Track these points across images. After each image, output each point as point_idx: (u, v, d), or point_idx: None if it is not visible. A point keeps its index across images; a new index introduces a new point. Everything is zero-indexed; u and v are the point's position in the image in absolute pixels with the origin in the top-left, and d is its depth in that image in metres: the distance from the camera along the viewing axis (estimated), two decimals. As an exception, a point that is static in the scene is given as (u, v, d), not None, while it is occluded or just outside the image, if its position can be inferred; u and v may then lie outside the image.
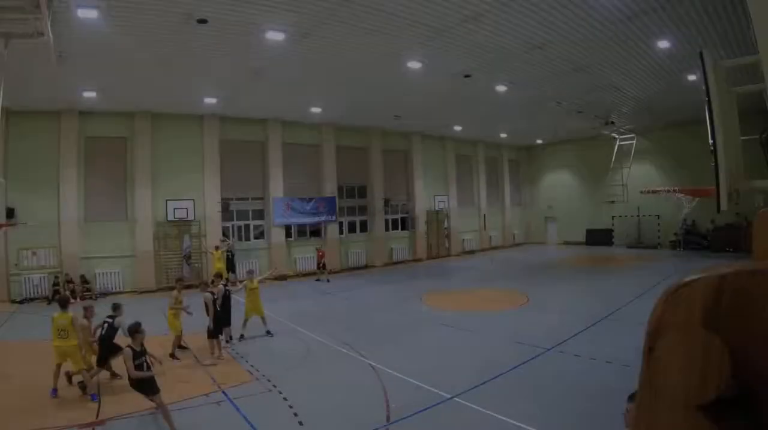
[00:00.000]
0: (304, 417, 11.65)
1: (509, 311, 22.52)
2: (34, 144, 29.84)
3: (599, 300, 24.66)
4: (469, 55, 24.33)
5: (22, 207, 28.68)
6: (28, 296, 29.16)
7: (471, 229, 53.49)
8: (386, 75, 27.19)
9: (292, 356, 16.85)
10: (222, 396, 13.28)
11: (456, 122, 43.73)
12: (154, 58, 22.63)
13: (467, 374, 14.27)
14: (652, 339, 2.99)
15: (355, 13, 18.89)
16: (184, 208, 33.46)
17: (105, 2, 16.53)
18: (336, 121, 40.42)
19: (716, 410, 2.70)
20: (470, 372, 14.42)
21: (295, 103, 33.46)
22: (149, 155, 32.97)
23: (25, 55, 19.55)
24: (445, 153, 51.45)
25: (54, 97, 27.76)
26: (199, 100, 31.22)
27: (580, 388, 7.41)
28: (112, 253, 31.86)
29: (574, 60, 25.49)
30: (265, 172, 38.07)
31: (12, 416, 12.03)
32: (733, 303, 2.54)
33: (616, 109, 37.99)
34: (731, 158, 7.78)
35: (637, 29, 21.41)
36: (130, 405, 12.46)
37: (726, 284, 2.56)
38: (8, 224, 20.16)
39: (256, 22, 19.39)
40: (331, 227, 40.59)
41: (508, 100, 34.09)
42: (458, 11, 19.13)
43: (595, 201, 48.85)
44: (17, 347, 19.02)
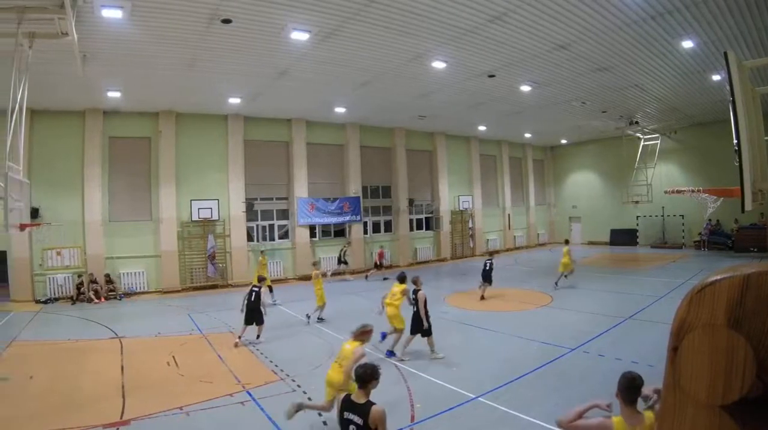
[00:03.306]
0: (328, 417, 11.54)
1: (533, 311, 22.34)
2: (58, 144, 30.01)
3: (624, 300, 24.52)
4: (494, 55, 24.23)
5: (47, 207, 28.87)
6: (52, 296, 29.22)
7: (495, 229, 53.41)
8: (410, 75, 27.12)
9: (316, 356, 16.68)
10: (246, 396, 13.21)
11: (480, 122, 43.54)
12: (178, 58, 22.67)
13: (491, 374, 14.16)
14: (677, 339, 2.92)
15: (379, 13, 18.83)
16: (208, 208, 33.49)
17: (129, 2, 16.52)
18: (360, 121, 40.46)
19: (741, 411, 2.62)
20: (494, 372, 14.30)
21: (320, 103, 33.46)
22: (173, 155, 33.03)
23: (50, 55, 19.64)
24: (469, 153, 51.35)
25: (78, 97, 27.89)
26: (223, 100, 31.27)
27: (604, 388, 7.36)
28: (136, 253, 31.96)
29: (597, 60, 25.36)
30: (289, 172, 38.06)
31: (36, 415, 11.99)
32: (757, 303, 2.46)
33: (641, 109, 37.81)
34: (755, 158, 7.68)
35: (660, 29, 21.26)
36: (156, 405, 12.42)
37: (750, 283, 2.47)
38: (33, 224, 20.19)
39: (280, 22, 19.35)
40: (356, 227, 40.61)
41: (532, 100, 34.08)
42: (483, 11, 19.04)
43: (620, 201, 48.31)
44: (41, 347, 18.97)
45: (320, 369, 15.32)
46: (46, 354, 17.99)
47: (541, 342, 17.40)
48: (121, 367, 16.17)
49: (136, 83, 26.20)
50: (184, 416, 11.85)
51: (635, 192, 44.91)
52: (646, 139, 45.14)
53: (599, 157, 55.58)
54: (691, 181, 43.78)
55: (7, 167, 14.37)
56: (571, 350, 16.14)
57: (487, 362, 15.35)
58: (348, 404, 7.06)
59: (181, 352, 17.76)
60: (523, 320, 20.74)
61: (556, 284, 28.43)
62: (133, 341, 19.69)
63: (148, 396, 13.24)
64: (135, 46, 20.67)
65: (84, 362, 16.94)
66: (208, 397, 13.03)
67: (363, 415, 6.78)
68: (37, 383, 14.59)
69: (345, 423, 7.01)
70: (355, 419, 6.84)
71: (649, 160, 45.02)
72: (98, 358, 17.43)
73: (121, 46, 20.59)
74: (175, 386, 14.29)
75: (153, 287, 32.30)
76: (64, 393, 13.69)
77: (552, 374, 14.10)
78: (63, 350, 18.49)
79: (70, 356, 17.72)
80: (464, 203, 49.13)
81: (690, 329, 2.87)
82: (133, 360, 16.91)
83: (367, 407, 6.83)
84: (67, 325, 23.28)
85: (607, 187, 54.95)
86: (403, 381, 13.99)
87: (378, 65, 25.40)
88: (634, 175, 46.07)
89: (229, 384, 14.19)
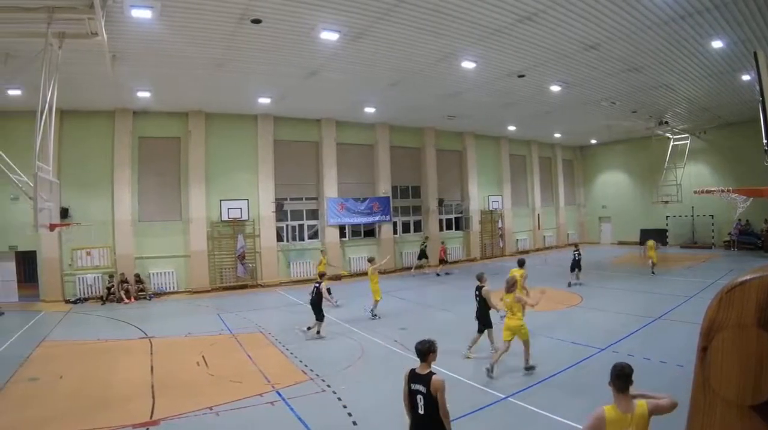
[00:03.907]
0: (358, 417, 11.54)
1: (563, 311, 22.19)
2: (87, 144, 30.17)
3: (653, 300, 24.41)
4: (524, 55, 24.12)
5: (76, 207, 29.08)
6: (81, 296, 29.34)
7: (525, 229, 53.20)
8: (440, 75, 27.03)
9: (346, 356, 16.73)
10: (276, 396, 13.14)
11: (510, 122, 43.40)
12: (208, 57, 22.68)
13: (521, 373, 14.08)
14: (706, 339, 2.82)
15: (409, 12, 18.74)
16: (238, 208, 33.47)
17: (159, 2, 16.52)
18: (390, 121, 40.36)
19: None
20: (524, 372, 14.23)
21: (349, 103, 33.43)
22: (203, 155, 33.10)
23: (79, 56, 19.69)
24: (499, 153, 51.20)
25: (108, 97, 28.02)
26: (253, 100, 31.28)
27: (633, 388, 7.27)
28: (165, 253, 32.04)
29: (627, 60, 25.17)
30: (319, 172, 38.02)
31: (65, 415, 12.00)
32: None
33: (670, 108, 37.54)
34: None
35: (690, 29, 21.06)
36: (185, 405, 12.42)
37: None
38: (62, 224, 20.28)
39: (310, 22, 19.30)
40: (386, 227, 40.51)
41: (562, 100, 33.91)
42: (513, 11, 18.93)
43: (649, 201, 48.17)
44: (70, 347, 19.05)
45: (350, 369, 15.36)
46: (76, 354, 18.05)
47: (570, 342, 17.37)
48: (150, 367, 16.20)
49: (166, 83, 26.27)
50: (214, 416, 11.83)
51: (665, 192, 44.84)
52: (675, 139, 44.93)
53: (629, 157, 55.35)
54: (721, 181, 43.57)
55: (36, 167, 14.41)
56: (600, 350, 16.00)
57: (517, 361, 15.21)
58: (413, 377, 8.08)
59: (210, 352, 17.77)
60: (553, 320, 20.58)
61: (653, 273, 32.09)
62: (162, 340, 19.75)
63: (178, 396, 13.24)
64: (164, 46, 20.71)
65: (114, 362, 17.00)
66: (237, 397, 13.00)
67: (426, 384, 7.77)
68: (67, 383, 14.63)
69: (412, 393, 8.01)
70: (420, 388, 7.83)
71: (678, 160, 44.84)
72: (128, 358, 17.50)
73: (150, 46, 20.64)
74: (204, 386, 14.29)
75: (182, 287, 32.38)
76: (93, 393, 13.72)
77: (582, 374, 14.00)
78: (93, 350, 18.55)
79: (99, 355, 17.77)
80: (494, 203, 48.93)
81: (719, 329, 2.79)
82: (162, 360, 16.96)
83: (428, 377, 7.83)
84: (96, 325, 23.38)
85: (636, 187, 54.73)
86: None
87: (407, 65, 25.30)
88: (664, 175, 45.89)
89: (259, 384, 14.14)
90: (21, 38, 16.71)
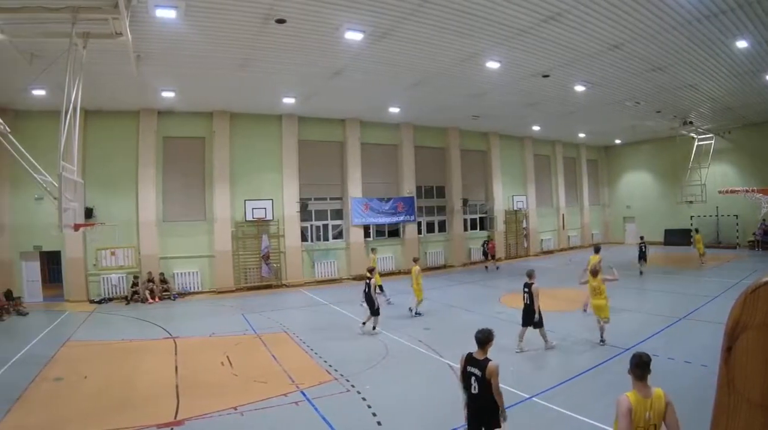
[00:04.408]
0: (383, 417, 11.50)
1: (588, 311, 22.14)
2: (112, 144, 30.32)
3: (678, 300, 24.33)
4: (548, 54, 24.01)
5: (101, 207, 29.17)
6: (106, 296, 29.46)
7: (549, 229, 53.04)
8: (464, 75, 26.94)
9: (370, 356, 16.68)
10: (300, 396, 13.10)
11: (534, 122, 43.27)
12: (232, 58, 22.72)
13: (546, 374, 14.03)
14: (731, 339, 2.73)
15: (433, 12, 18.69)
16: (262, 208, 33.41)
17: (184, 2, 16.52)
18: (414, 121, 40.25)
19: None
20: (549, 372, 14.19)
21: (374, 103, 33.41)
22: (228, 155, 33.14)
23: (104, 56, 19.77)
24: (523, 153, 51.03)
25: (132, 97, 28.13)
26: (277, 101, 31.25)
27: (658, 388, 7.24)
28: (190, 253, 32.13)
29: (651, 60, 25.03)
30: (343, 172, 38.05)
31: (90, 415, 12.00)
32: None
33: (694, 109, 37.29)
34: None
35: (715, 29, 20.95)
36: (210, 405, 12.40)
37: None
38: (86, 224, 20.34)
39: (334, 22, 19.27)
40: (410, 227, 40.38)
41: (586, 100, 33.80)
42: (538, 11, 18.87)
43: (674, 201, 48.19)
44: (95, 347, 19.12)
45: (374, 369, 15.29)
46: (100, 354, 18.12)
47: (595, 342, 17.29)
48: (175, 367, 16.21)
49: (190, 83, 26.35)
50: (239, 416, 11.79)
51: (689, 192, 44.96)
52: (700, 139, 44.92)
53: (653, 157, 55.25)
54: (745, 181, 43.39)
55: (61, 167, 14.44)
56: (624, 350, 15.82)
57: (542, 361, 15.14)
58: (470, 360, 8.84)
59: (235, 352, 17.78)
60: (578, 319, 20.49)
61: (702, 257, 35.42)
62: (187, 340, 19.79)
63: (202, 396, 13.22)
64: (189, 46, 20.73)
65: (138, 362, 17.02)
66: (262, 397, 12.97)
67: (482, 369, 8.57)
68: (92, 383, 14.65)
69: (467, 376, 8.80)
70: (476, 372, 8.64)
71: (703, 160, 44.87)
72: (152, 358, 17.53)
73: (175, 46, 20.69)
74: (229, 386, 14.27)
75: (207, 287, 32.45)
76: (117, 393, 13.72)
77: (606, 374, 13.91)
78: (117, 350, 18.61)
79: (124, 356, 17.82)
80: (518, 203, 48.76)
81: (744, 329, 2.74)
82: (187, 360, 16.96)
83: (484, 362, 8.62)
84: (121, 325, 23.47)
85: (661, 187, 54.60)
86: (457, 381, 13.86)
87: (432, 65, 25.23)
88: (688, 175, 45.84)
89: (283, 384, 14.11)
90: (46, 38, 16.78)
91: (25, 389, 14.05)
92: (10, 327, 23.16)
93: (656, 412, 6.41)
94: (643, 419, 6.38)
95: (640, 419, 6.38)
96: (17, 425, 11.54)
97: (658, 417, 6.42)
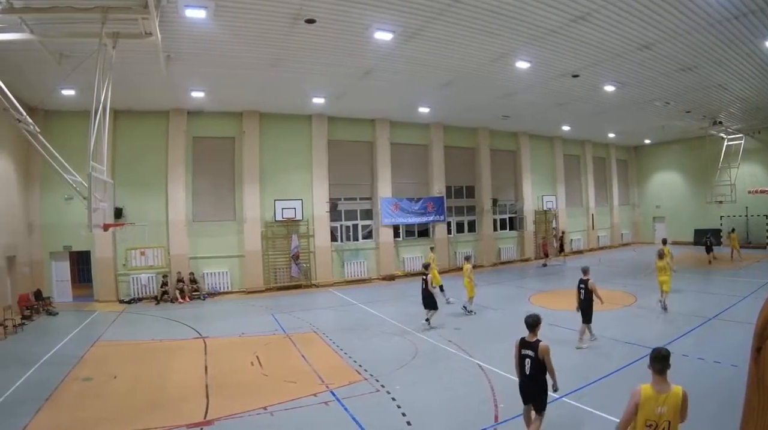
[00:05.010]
0: (412, 417, 11.45)
1: (617, 310, 21.93)
2: (141, 144, 30.51)
3: (707, 300, 24.22)
4: (578, 54, 23.91)
5: (130, 207, 29.30)
6: (135, 296, 29.61)
7: (579, 229, 52.78)
8: (494, 75, 26.87)
9: (400, 356, 16.63)
10: (330, 396, 13.06)
11: (564, 122, 43.12)
12: (261, 58, 22.76)
13: (576, 373, 13.88)
14: (761, 339, 2.62)
15: (463, 12, 18.61)
16: (292, 208, 33.36)
17: (213, 2, 16.52)
18: (444, 121, 40.19)
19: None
20: (579, 372, 14.04)
21: (403, 103, 33.32)
22: (257, 155, 33.19)
23: (133, 56, 19.85)
24: (552, 153, 50.89)
25: (162, 97, 28.30)
26: (307, 100, 31.25)
27: (687, 388, 7.05)
28: (219, 253, 32.20)
29: (681, 60, 24.85)
30: (373, 172, 38.04)
31: (120, 415, 12.04)
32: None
33: (724, 108, 36.99)
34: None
35: (744, 28, 20.76)
36: (239, 405, 12.40)
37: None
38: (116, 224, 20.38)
39: (364, 22, 19.25)
40: (440, 227, 40.27)
41: (615, 100, 33.63)
42: (567, 11, 18.78)
43: (703, 201, 47.93)
44: (124, 347, 19.22)
45: (404, 369, 15.23)
46: (130, 354, 18.21)
47: (624, 342, 17.23)
48: (204, 367, 16.24)
49: (220, 83, 26.42)
50: (268, 416, 11.76)
51: (719, 192, 44.65)
52: (729, 139, 44.66)
53: (683, 157, 54.98)
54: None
55: (90, 167, 14.47)
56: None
57: (571, 361, 15.02)
58: (524, 344, 9.86)
59: (264, 352, 17.80)
60: (607, 319, 20.25)
61: (740, 255, 37.81)
62: (216, 340, 19.83)
63: (232, 396, 13.21)
64: (218, 46, 20.78)
65: (168, 362, 17.11)
66: (291, 397, 12.96)
67: (534, 349, 9.60)
68: (121, 383, 14.70)
69: (522, 357, 9.80)
70: (529, 353, 9.66)
71: (732, 160, 44.56)
72: (182, 358, 17.60)
73: (204, 46, 20.74)
74: (258, 386, 14.27)
75: (236, 287, 32.51)
76: (147, 393, 13.77)
77: (635, 374, 13.71)
78: (147, 350, 18.68)
79: (153, 355, 17.88)
80: (548, 203, 48.49)
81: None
82: (216, 360, 16.99)
83: (536, 343, 9.65)
84: (150, 325, 23.57)
85: (690, 187, 54.40)
86: (487, 381, 13.75)
87: (462, 65, 25.14)
88: (718, 175, 45.53)
89: (313, 384, 14.09)
90: (75, 38, 16.88)
91: (55, 388, 14.13)
92: (39, 327, 23.30)
93: (671, 408, 6.52)
94: (654, 414, 6.54)
95: (651, 413, 6.56)
96: (47, 425, 11.59)
97: (672, 414, 6.52)
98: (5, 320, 21.13)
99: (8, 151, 24.83)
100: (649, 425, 6.57)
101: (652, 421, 6.54)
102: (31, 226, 28.02)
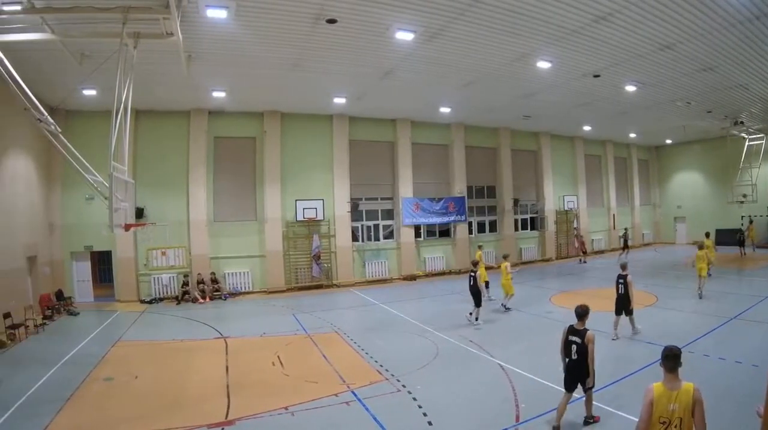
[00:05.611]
0: (434, 417, 11.41)
1: (638, 310, 21.67)
2: (163, 144, 30.62)
3: (729, 300, 24.02)
4: (599, 54, 23.81)
5: (151, 207, 29.43)
6: (156, 296, 29.69)
7: (600, 229, 52.61)
8: (515, 75, 26.80)
9: (421, 356, 16.58)
10: (351, 396, 13.04)
11: (585, 122, 42.96)
12: (283, 58, 22.74)
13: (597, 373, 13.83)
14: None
15: (484, 13, 18.54)
16: (313, 208, 33.37)
17: (234, 2, 16.52)
18: (465, 121, 40.14)
19: None
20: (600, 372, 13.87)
21: (424, 103, 33.26)
22: (278, 155, 33.19)
23: (154, 56, 19.89)
24: (574, 153, 50.72)
25: (183, 97, 28.38)
26: (328, 100, 31.25)
27: (708, 388, 6.97)
28: (240, 253, 32.26)
29: (702, 60, 24.70)
30: (394, 172, 37.99)
31: (141, 415, 12.04)
32: None
33: (745, 108, 36.72)
34: None
35: (765, 29, 20.61)
36: (261, 405, 12.38)
37: None
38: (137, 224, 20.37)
39: (385, 23, 19.19)
40: (461, 227, 40.18)
41: (637, 100, 33.48)
42: (589, 11, 18.68)
43: (725, 201, 47.72)
44: (146, 347, 19.31)
45: (425, 369, 15.20)
46: (151, 354, 18.28)
47: (646, 342, 17.14)
48: (225, 367, 16.25)
49: (241, 83, 26.47)
50: (289, 416, 11.75)
51: (740, 192, 44.28)
52: (751, 139, 44.15)
53: (704, 157, 54.68)
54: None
55: (112, 167, 14.48)
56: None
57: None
58: (572, 331, 10.96)
59: (285, 352, 17.79)
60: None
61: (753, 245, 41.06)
62: (237, 340, 19.83)
63: (253, 396, 13.23)
64: (239, 46, 20.79)
65: (189, 362, 17.14)
66: (313, 397, 12.94)
67: (581, 336, 10.69)
68: (142, 383, 14.75)
69: (569, 344, 10.89)
70: (576, 340, 10.74)
71: (754, 160, 44.11)
72: (203, 358, 17.62)
73: (225, 46, 20.75)
74: (280, 386, 14.26)
75: (257, 287, 32.56)
76: (168, 393, 13.79)
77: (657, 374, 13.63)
78: (168, 350, 18.74)
79: (174, 355, 17.92)
80: (569, 203, 48.32)
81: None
82: (237, 360, 17.01)
83: (584, 332, 10.74)
84: (171, 325, 23.63)
85: (711, 187, 54.11)
86: (508, 381, 13.70)
87: (483, 65, 25.08)
88: (739, 175, 45.13)
89: (334, 384, 14.08)
90: (96, 38, 16.94)
91: (77, 388, 14.16)
92: (61, 327, 23.41)
93: (682, 405, 6.65)
94: (667, 410, 6.70)
95: (664, 410, 6.72)
96: (69, 424, 11.61)
97: (683, 410, 6.62)
98: (26, 320, 21.20)
99: (29, 151, 24.96)
100: (662, 422, 6.72)
101: (665, 418, 6.70)
102: (52, 226, 28.15)
